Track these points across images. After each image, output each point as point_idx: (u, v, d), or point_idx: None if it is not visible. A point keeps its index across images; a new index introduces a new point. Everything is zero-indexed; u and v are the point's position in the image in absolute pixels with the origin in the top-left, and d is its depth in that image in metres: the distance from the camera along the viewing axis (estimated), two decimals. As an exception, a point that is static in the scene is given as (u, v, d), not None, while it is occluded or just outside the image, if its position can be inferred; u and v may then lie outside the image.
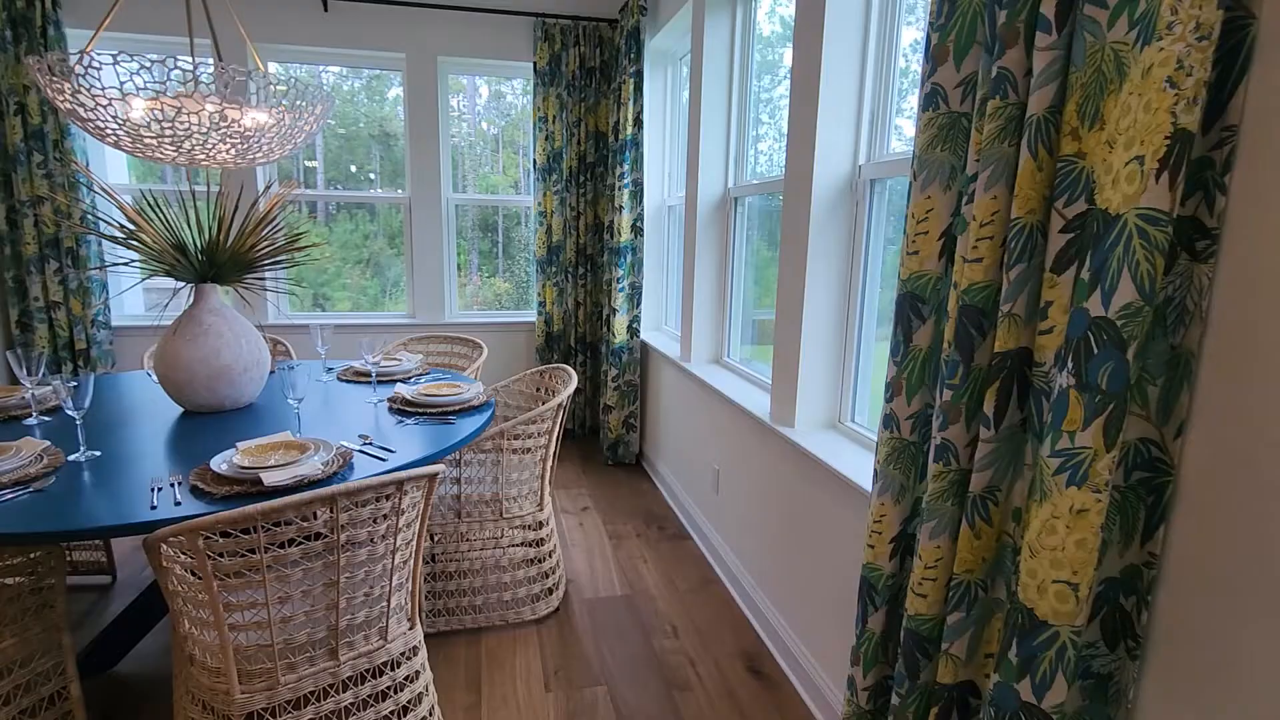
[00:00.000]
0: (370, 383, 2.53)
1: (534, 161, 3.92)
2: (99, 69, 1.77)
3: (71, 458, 1.70)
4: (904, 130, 1.82)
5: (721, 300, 2.93)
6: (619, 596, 2.42)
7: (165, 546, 1.29)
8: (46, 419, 2.03)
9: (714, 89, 2.75)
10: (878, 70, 1.81)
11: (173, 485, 1.54)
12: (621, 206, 3.52)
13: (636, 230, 3.55)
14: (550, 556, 2.31)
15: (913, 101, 1.82)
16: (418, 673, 1.62)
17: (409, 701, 1.60)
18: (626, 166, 3.47)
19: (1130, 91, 0.83)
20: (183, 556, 1.31)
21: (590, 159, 3.92)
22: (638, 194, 3.50)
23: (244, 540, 1.27)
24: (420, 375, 2.65)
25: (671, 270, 3.81)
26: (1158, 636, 0.94)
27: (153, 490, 1.52)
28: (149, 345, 3.85)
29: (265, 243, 2.19)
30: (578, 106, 3.85)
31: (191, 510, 1.41)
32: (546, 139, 3.87)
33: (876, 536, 1.26)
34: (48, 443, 1.72)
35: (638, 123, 3.42)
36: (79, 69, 1.77)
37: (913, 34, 1.80)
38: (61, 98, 1.82)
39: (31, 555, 1.55)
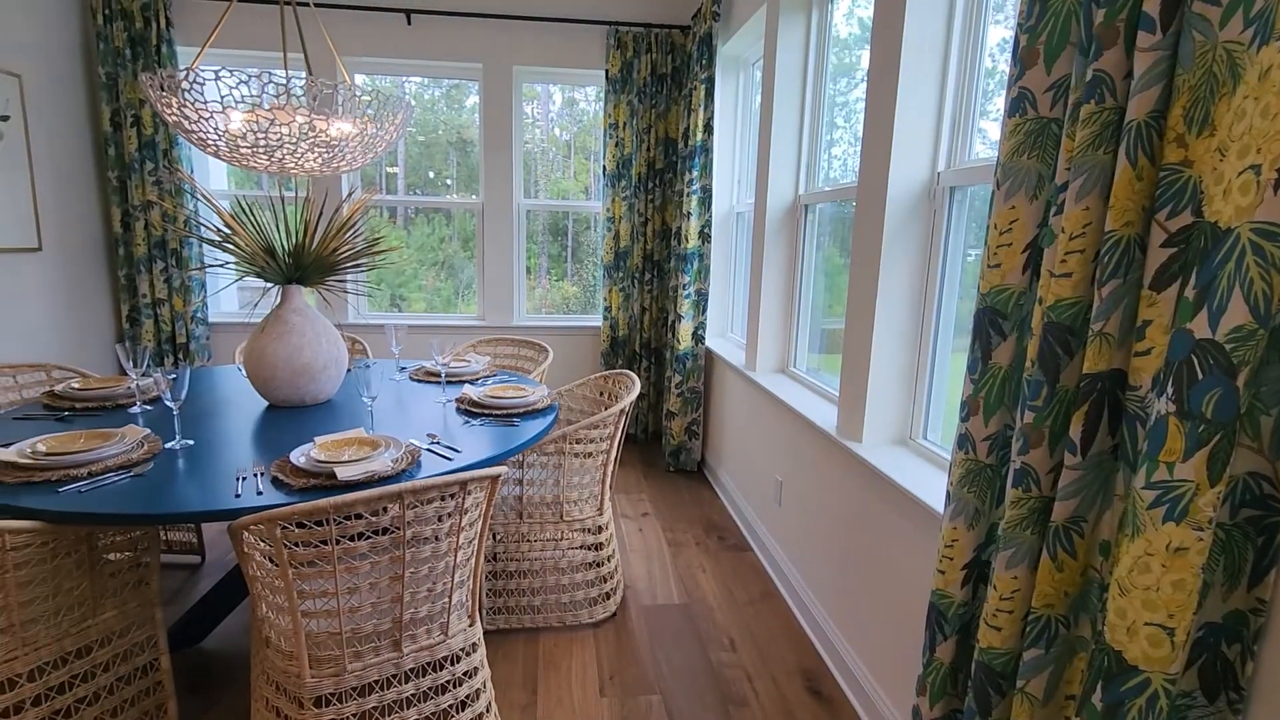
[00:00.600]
0: (440, 383, 2.61)
1: (603, 168, 3.96)
2: (202, 84, 1.90)
3: (168, 445, 1.82)
4: (988, 133, 1.74)
5: (789, 309, 2.87)
6: (676, 605, 2.40)
7: (247, 534, 1.36)
8: (148, 408, 2.19)
9: (786, 94, 2.70)
10: (960, 73, 1.73)
11: (256, 475, 1.63)
12: (689, 213, 3.51)
13: (704, 237, 3.53)
14: (609, 561, 2.32)
15: (998, 104, 1.74)
16: (476, 669, 1.66)
17: (467, 696, 1.63)
18: (695, 173, 3.46)
19: (1245, 95, 0.76)
20: (262, 544, 1.38)
21: (659, 165, 3.93)
22: (706, 200, 3.49)
23: (317, 531, 1.33)
24: (488, 377, 2.71)
25: (738, 277, 3.77)
26: (1265, 690, 0.85)
27: (238, 479, 1.61)
28: (240, 341, 4.10)
29: (347, 247, 2.30)
30: (648, 113, 3.87)
31: (271, 500, 1.49)
32: (616, 145, 3.90)
33: (947, 562, 1.20)
34: (148, 430, 1.85)
35: (708, 129, 3.40)
36: (185, 84, 1.90)
37: (1000, 33, 1.72)
38: (169, 111, 1.96)
39: (131, 535, 1.67)
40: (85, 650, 1.57)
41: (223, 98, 1.90)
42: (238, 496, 1.51)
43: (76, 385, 2.28)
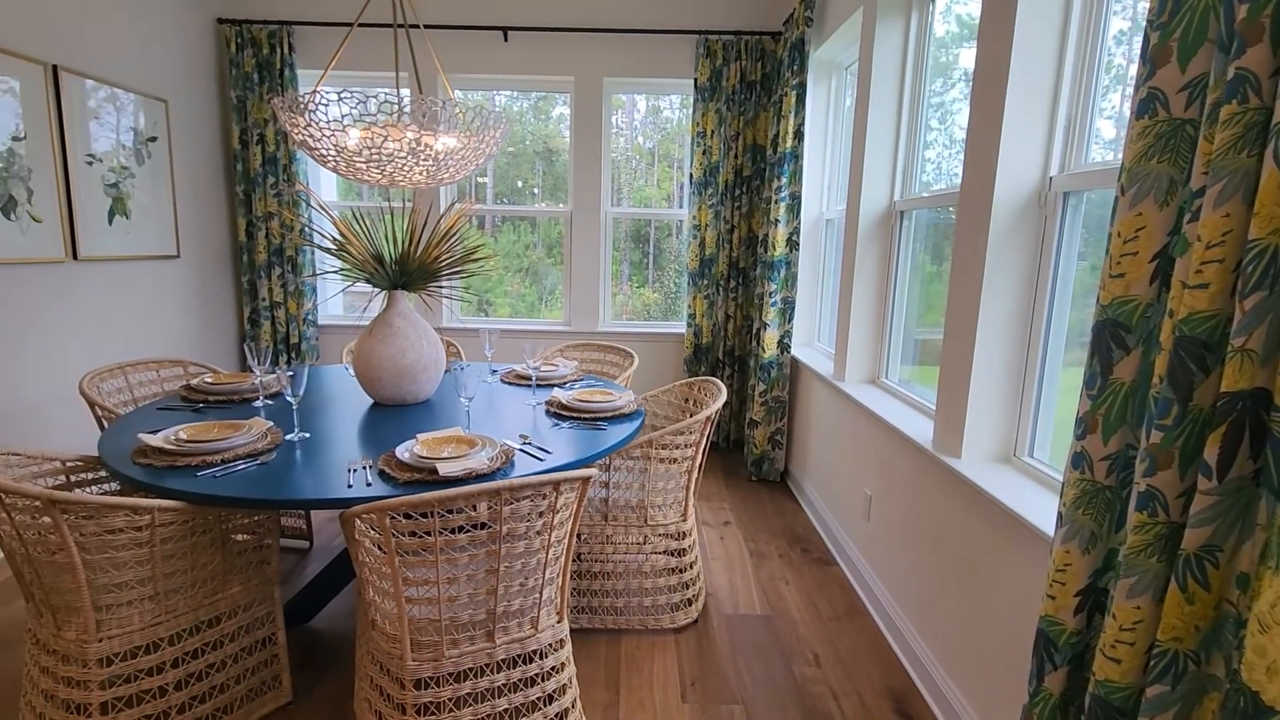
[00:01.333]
0: (529, 386, 2.70)
1: (690, 176, 3.99)
2: (327, 105, 2.05)
3: (288, 437, 1.97)
4: (1102, 133, 1.64)
5: (881, 318, 2.79)
6: (759, 616, 2.38)
7: (358, 521, 1.46)
8: (269, 403, 2.37)
9: (882, 98, 2.64)
10: (1078, 69, 1.64)
11: (364, 468, 1.74)
12: (777, 220, 3.47)
13: (792, 244, 3.49)
14: (691, 568, 2.32)
15: (1113, 101, 1.64)
16: (563, 664, 1.70)
17: (554, 691, 1.68)
18: (784, 180, 3.42)
19: None
20: (371, 532, 1.48)
21: (747, 172, 3.92)
22: (795, 207, 3.44)
23: (422, 523, 1.41)
24: (575, 381, 2.78)
25: (827, 285, 3.69)
26: None
27: (349, 471, 1.72)
28: (344, 342, 4.39)
29: (447, 255, 2.42)
30: (736, 120, 3.87)
31: (379, 492, 1.59)
32: (704, 153, 3.92)
33: (1059, 588, 1.14)
34: (271, 423, 2.01)
35: (798, 135, 3.36)
36: (310, 105, 2.06)
37: (1119, 23, 1.62)
38: (297, 130, 2.13)
39: (256, 518, 1.82)
40: (215, 621, 1.72)
41: (343, 116, 2.05)
42: (349, 487, 1.62)
43: (209, 380, 2.50)
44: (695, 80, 3.86)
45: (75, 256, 3.04)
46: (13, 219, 2.74)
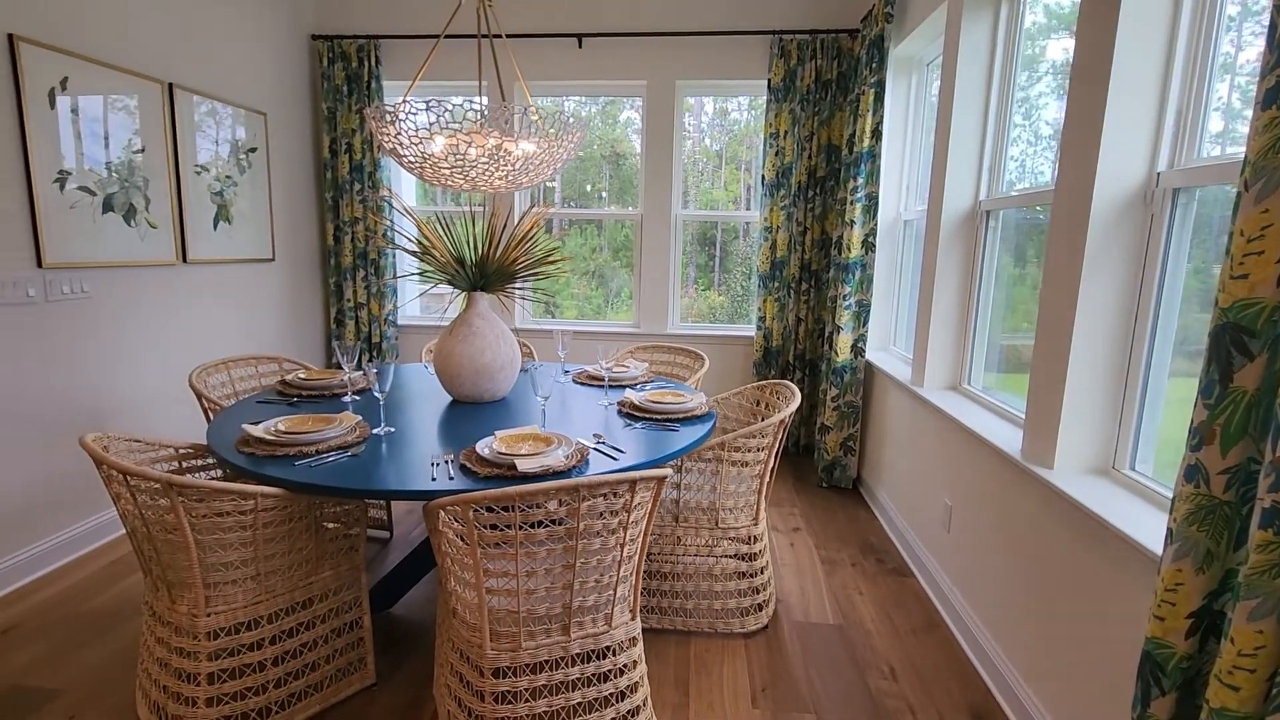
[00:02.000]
0: (600, 386, 2.73)
1: (762, 177, 3.95)
2: (415, 114, 2.15)
3: (375, 431, 2.07)
4: (1208, 126, 1.53)
5: (963, 322, 2.69)
6: (831, 625, 2.33)
7: (443, 513, 1.51)
8: (356, 398, 2.49)
9: (968, 93, 2.54)
10: (1190, 57, 1.54)
11: (446, 462, 1.81)
12: (852, 221, 3.40)
13: (868, 246, 3.40)
14: (762, 573, 2.30)
15: (1222, 91, 1.52)
16: (635, 662, 1.71)
17: (627, 688, 1.69)
18: (861, 180, 3.35)
19: None
20: (455, 524, 1.53)
21: (820, 173, 3.85)
22: (871, 208, 3.36)
23: (503, 516, 1.45)
24: (646, 382, 2.80)
25: (904, 288, 3.58)
26: None
27: (432, 464, 1.79)
28: (423, 341, 4.56)
29: (525, 257, 2.48)
30: (810, 120, 3.81)
31: (461, 485, 1.64)
32: (776, 154, 3.88)
33: (1168, 608, 1.07)
34: (359, 417, 2.11)
35: (875, 134, 3.28)
36: (400, 115, 2.16)
37: (1228, 8, 1.51)
38: (387, 138, 2.24)
39: (346, 507, 1.91)
40: (308, 603, 1.82)
41: (430, 125, 2.13)
42: (433, 480, 1.68)
43: (302, 376, 2.65)
44: (769, 81, 3.83)
45: (185, 259, 3.28)
46: (133, 225, 2.98)
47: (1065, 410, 1.73)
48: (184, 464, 2.00)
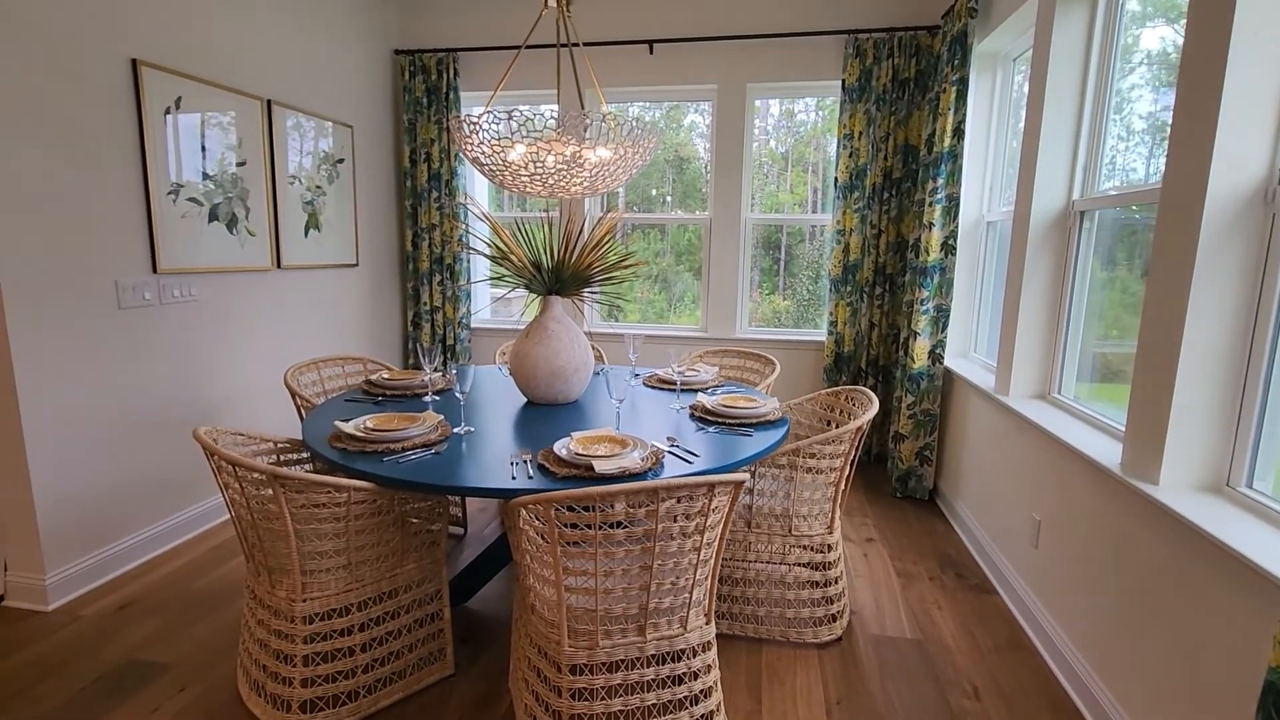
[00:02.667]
0: (671, 389, 2.74)
1: (834, 179, 3.88)
2: (498, 123, 2.21)
3: (455, 430, 2.14)
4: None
5: (1053, 329, 2.56)
6: (908, 639, 2.26)
7: (524, 511, 1.55)
8: (436, 398, 2.58)
9: (1060, 88, 2.43)
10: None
11: (525, 461, 1.85)
12: (931, 223, 3.29)
13: (947, 249, 3.29)
14: (836, 583, 2.25)
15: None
16: (709, 666, 1.71)
17: (701, 692, 1.69)
18: (941, 180, 3.24)
19: None
20: (536, 522, 1.57)
21: (897, 174, 3.75)
22: (952, 210, 3.25)
23: (583, 515, 1.47)
24: (716, 386, 2.79)
25: (986, 292, 3.45)
26: None
27: (511, 463, 1.84)
28: (495, 343, 4.68)
29: (599, 262, 2.52)
30: (887, 120, 3.71)
31: (539, 485, 1.68)
32: (850, 156, 3.80)
33: (1298, 637, 0.99)
34: (441, 416, 2.18)
35: (957, 133, 3.17)
36: (483, 124, 2.23)
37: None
38: (470, 148, 2.32)
39: (428, 502, 1.98)
40: (392, 594, 1.90)
41: (512, 133, 2.20)
42: (513, 479, 1.73)
43: (385, 376, 2.77)
44: (843, 81, 3.76)
45: (279, 265, 3.48)
46: (234, 234, 3.18)
47: (1172, 423, 1.62)
48: (281, 457, 2.12)
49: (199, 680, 2.00)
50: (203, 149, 2.98)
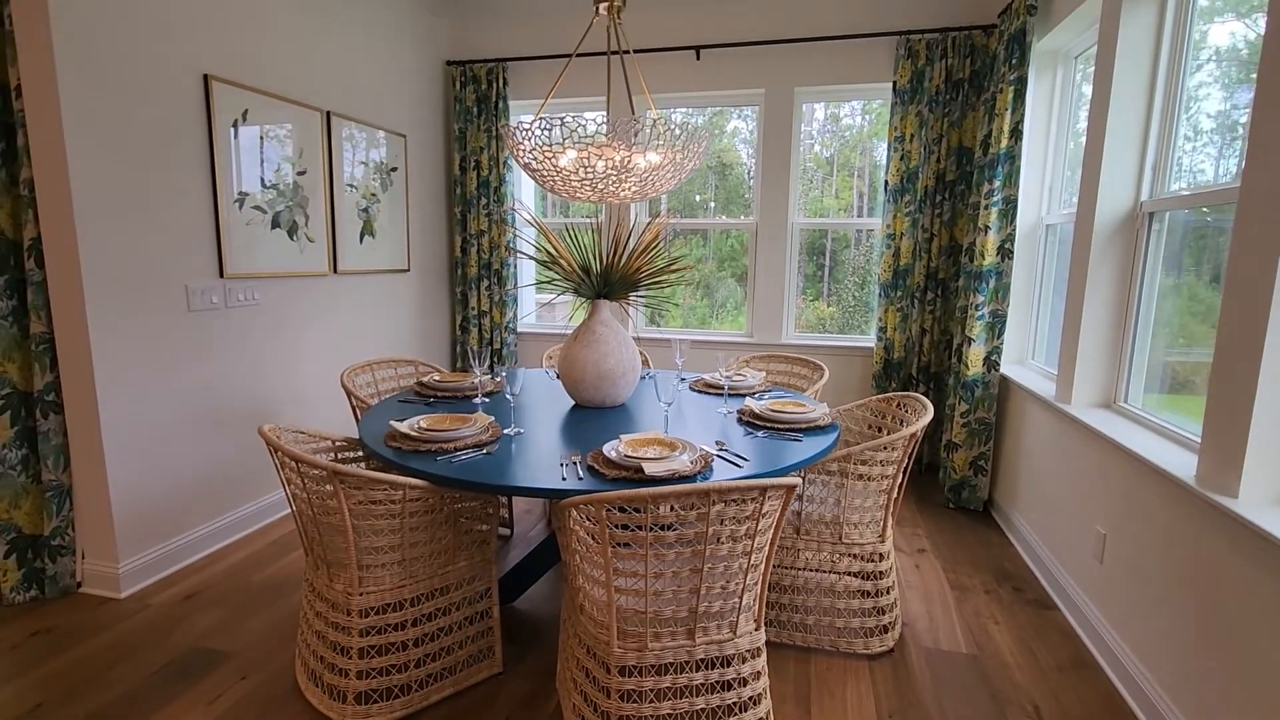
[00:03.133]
0: (717, 394, 2.73)
1: (884, 183, 3.81)
2: (549, 129, 2.25)
3: (505, 431, 2.17)
4: None
5: (1119, 334, 2.46)
6: (963, 654, 2.19)
7: (574, 511, 1.56)
8: (485, 400, 2.63)
9: (1127, 84, 2.34)
10: None
11: (574, 463, 1.87)
12: (987, 226, 3.20)
13: (1004, 252, 3.20)
14: (888, 593, 2.20)
15: None
16: (759, 673, 1.69)
17: (750, 698, 1.67)
18: (997, 183, 3.15)
19: None
20: (586, 522, 1.57)
21: (950, 177, 3.66)
22: (1009, 212, 3.16)
23: (635, 517, 1.48)
24: (764, 391, 2.76)
25: (1045, 297, 3.33)
26: None
27: (561, 465, 1.86)
28: (541, 347, 4.74)
29: (647, 266, 2.53)
30: (939, 122, 3.63)
31: (589, 486, 1.69)
32: (901, 158, 3.73)
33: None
34: (491, 418, 2.22)
35: (1014, 134, 3.08)
36: (535, 130, 2.27)
37: None
38: (521, 154, 2.35)
39: (479, 501, 2.01)
40: (444, 590, 1.93)
41: (563, 139, 2.23)
42: (563, 480, 1.74)
43: (436, 378, 2.82)
44: (894, 83, 3.70)
45: (335, 270, 3.59)
46: (295, 240, 3.30)
47: (1255, 434, 1.53)
48: (339, 455, 2.19)
49: (259, 669, 2.07)
50: (265, 159, 3.10)
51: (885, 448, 2.06)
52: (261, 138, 3.07)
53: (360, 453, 2.24)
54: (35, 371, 2.39)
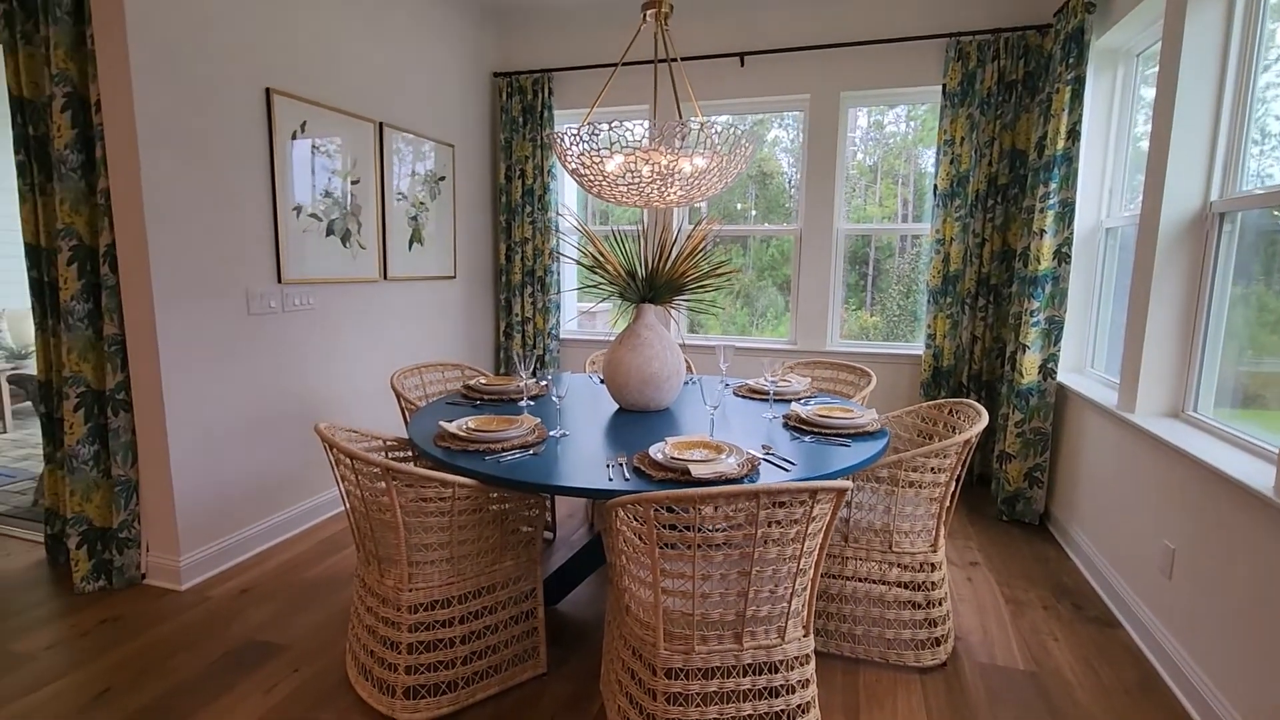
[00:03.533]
0: (762, 400, 2.70)
1: (933, 187, 3.74)
2: (597, 135, 2.27)
3: (551, 433, 2.18)
4: None
5: (1187, 340, 2.35)
6: (1021, 671, 2.11)
7: (621, 511, 1.56)
8: (531, 403, 2.65)
9: (1195, 81, 2.24)
10: None
11: (620, 464, 1.87)
12: (1042, 230, 3.11)
13: (1061, 257, 3.09)
14: (940, 604, 2.13)
15: None
16: (807, 681, 1.65)
17: (798, 706, 1.64)
18: (1053, 185, 3.06)
19: None
20: (634, 522, 1.57)
21: (1002, 180, 3.57)
22: (1066, 216, 3.06)
23: (682, 518, 1.47)
24: (809, 397, 2.72)
25: (1105, 303, 3.21)
26: None
27: (607, 466, 1.86)
28: (582, 354, 4.77)
29: (693, 270, 2.52)
30: (991, 125, 3.55)
31: (636, 486, 1.69)
32: (951, 162, 3.66)
33: None
34: (538, 420, 2.24)
35: (1071, 135, 2.99)
36: (583, 135, 2.29)
37: None
38: (569, 160, 2.38)
39: (526, 501, 2.03)
40: (490, 589, 1.95)
41: (611, 145, 2.25)
42: (610, 480, 1.75)
43: (483, 381, 2.87)
44: (944, 86, 3.63)
45: (385, 277, 3.68)
46: (348, 247, 3.40)
47: (1342, 440, 1.45)
48: (388, 454, 2.23)
49: (311, 662, 2.12)
50: (321, 168, 3.21)
51: (938, 454, 2.01)
52: (318, 148, 3.17)
53: (410, 452, 2.28)
54: (107, 371, 2.51)
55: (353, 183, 3.41)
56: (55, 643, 2.20)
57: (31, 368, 5.13)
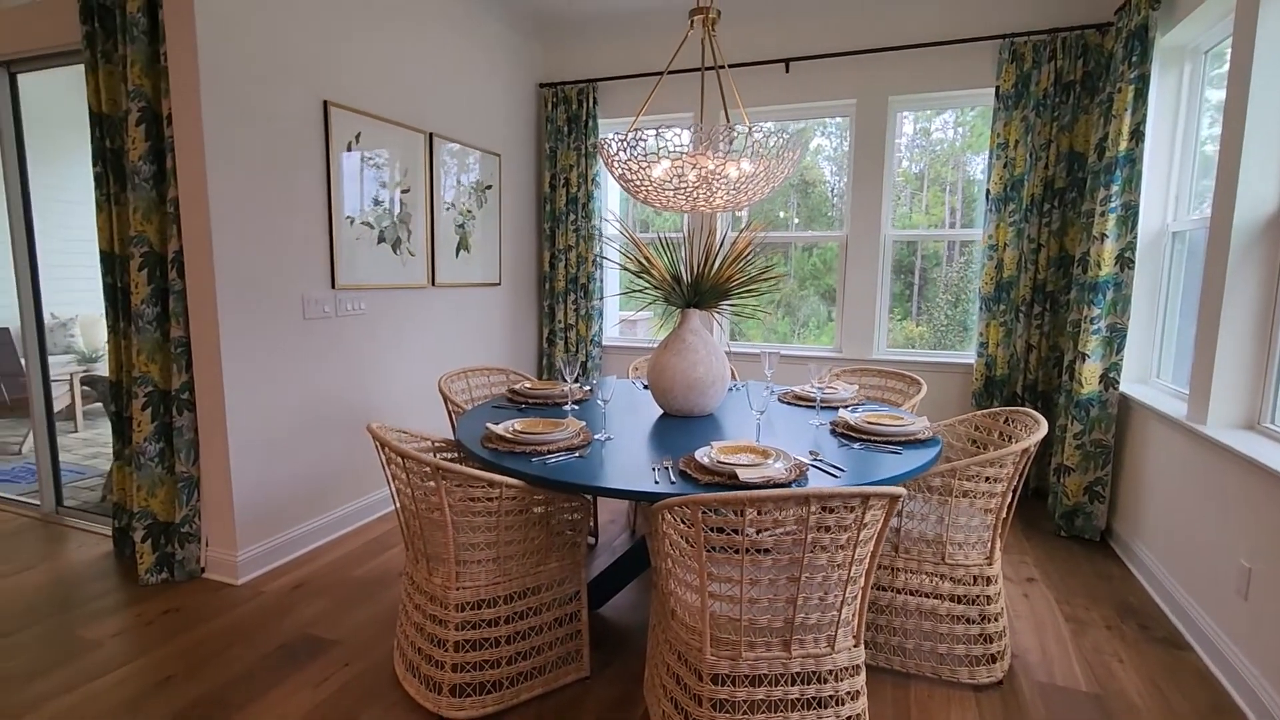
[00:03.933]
0: (808, 406, 2.66)
1: (986, 192, 3.64)
2: (644, 140, 2.28)
3: (596, 437, 2.19)
4: None
5: (1264, 348, 2.23)
6: (1083, 693, 2.01)
7: (668, 514, 1.55)
8: (575, 407, 2.67)
9: (1270, 74, 2.14)
10: None
11: (666, 468, 1.86)
12: (1103, 235, 3.00)
13: (1123, 262, 2.98)
14: (996, 620, 2.06)
15: None
16: (858, 692, 1.61)
17: (848, 718, 1.59)
18: (1115, 188, 2.95)
19: None
20: (681, 525, 1.56)
21: (1059, 184, 3.46)
22: (1129, 219, 2.94)
23: (730, 520, 1.45)
24: (857, 404, 2.67)
25: (1172, 310, 3.07)
26: None
27: (653, 469, 1.85)
28: (623, 360, 4.78)
29: (739, 274, 2.51)
30: (1048, 127, 3.45)
31: (682, 490, 1.68)
32: (1005, 166, 3.56)
33: None
34: (583, 423, 2.25)
35: (1135, 136, 2.88)
36: (631, 143, 2.31)
37: None
38: (616, 165, 2.40)
39: (571, 504, 2.04)
40: (535, 590, 1.96)
41: (659, 150, 2.26)
42: (656, 483, 1.74)
43: (528, 385, 2.89)
44: (997, 88, 3.54)
45: (433, 283, 3.76)
46: (398, 254, 3.49)
47: None
48: (436, 454, 2.27)
49: (361, 658, 2.16)
50: (374, 178, 3.30)
51: (994, 463, 1.95)
52: (371, 158, 3.27)
53: (457, 453, 2.32)
54: (173, 372, 2.62)
55: (403, 192, 3.50)
56: (121, 631, 2.30)
57: (101, 370, 5.41)
